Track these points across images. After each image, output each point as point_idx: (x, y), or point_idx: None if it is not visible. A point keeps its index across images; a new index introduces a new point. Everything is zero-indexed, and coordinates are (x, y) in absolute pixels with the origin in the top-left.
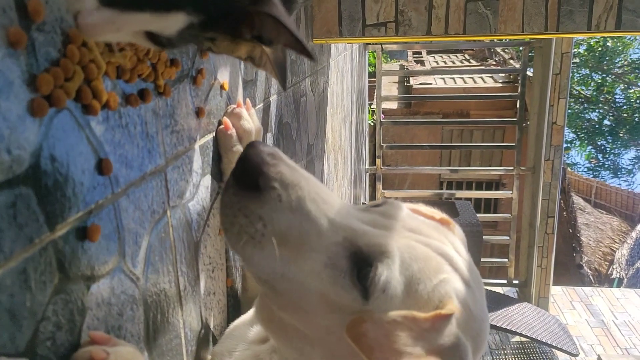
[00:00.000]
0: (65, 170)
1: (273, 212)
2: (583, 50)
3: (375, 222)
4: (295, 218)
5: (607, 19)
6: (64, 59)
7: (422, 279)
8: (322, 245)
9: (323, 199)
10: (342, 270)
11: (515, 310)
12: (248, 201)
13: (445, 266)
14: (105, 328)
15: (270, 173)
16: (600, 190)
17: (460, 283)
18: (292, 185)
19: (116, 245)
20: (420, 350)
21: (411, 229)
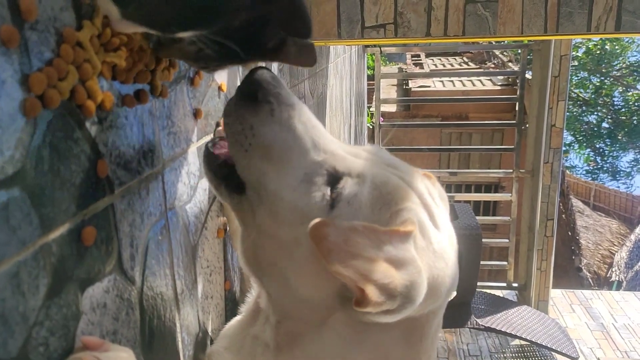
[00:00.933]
0: (59, 172)
1: (263, 123)
2: (582, 53)
3: (357, 154)
4: (282, 133)
5: (607, 20)
6: (57, 59)
7: (387, 201)
8: (301, 162)
9: (312, 124)
10: (316, 185)
11: (514, 314)
12: (245, 110)
13: (414, 198)
14: (100, 333)
15: (269, 89)
16: (599, 193)
17: (425, 216)
18: (287, 104)
19: (112, 248)
20: (376, 256)
21: (389, 164)
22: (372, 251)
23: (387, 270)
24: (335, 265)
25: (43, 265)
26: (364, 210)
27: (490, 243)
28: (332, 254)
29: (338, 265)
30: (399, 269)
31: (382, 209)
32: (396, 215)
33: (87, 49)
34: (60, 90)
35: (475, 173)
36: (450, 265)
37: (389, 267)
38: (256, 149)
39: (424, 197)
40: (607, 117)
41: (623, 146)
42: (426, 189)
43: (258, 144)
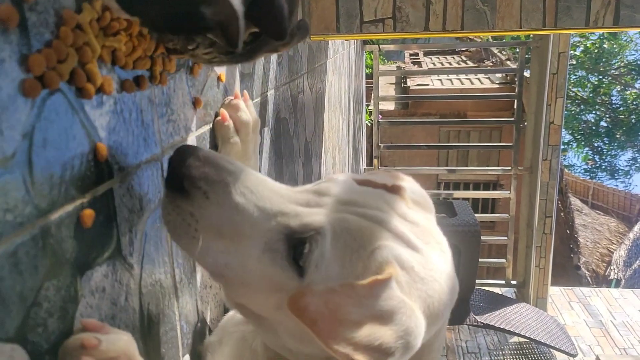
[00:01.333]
0: (58, 153)
1: (202, 208)
2: (580, 52)
3: (309, 202)
4: (225, 212)
5: (605, 14)
6: (56, 41)
7: (355, 248)
8: (256, 233)
9: (251, 190)
10: (279, 252)
11: (513, 311)
12: (179, 201)
13: (382, 233)
14: (98, 316)
15: (194, 174)
16: (597, 192)
17: (401, 248)
18: (218, 182)
19: (111, 232)
20: (361, 316)
21: (346, 202)
22: (355, 311)
23: (374, 332)
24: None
25: (42, 246)
26: (335, 269)
27: (488, 240)
28: (317, 324)
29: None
30: (388, 322)
31: (352, 260)
32: (369, 261)
33: (87, 32)
34: (59, 72)
35: (474, 170)
36: (445, 280)
37: (376, 326)
38: (206, 232)
39: (393, 226)
40: (605, 116)
41: (621, 145)
42: (395, 211)
43: (205, 227)
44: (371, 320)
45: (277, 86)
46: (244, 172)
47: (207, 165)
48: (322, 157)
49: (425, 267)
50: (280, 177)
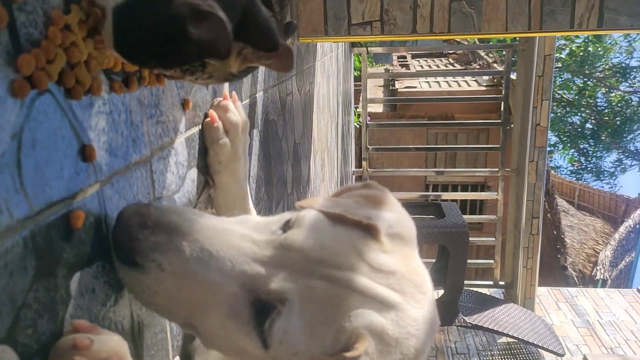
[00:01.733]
0: (47, 154)
1: (159, 282)
2: (565, 55)
3: (275, 259)
4: (184, 282)
5: (589, 17)
6: (45, 41)
7: (323, 320)
8: (219, 300)
9: (210, 253)
10: (244, 318)
11: (501, 311)
12: (133, 274)
13: (356, 299)
14: (88, 318)
15: (144, 248)
16: (583, 193)
17: (372, 313)
18: (173, 250)
19: (100, 233)
20: None
21: (315, 260)
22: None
23: None
24: None
25: (31, 247)
26: (301, 342)
27: (476, 242)
28: None
29: None
30: None
31: (321, 333)
32: (339, 334)
33: (76, 33)
34: (48, 73)
35: (462, 172)
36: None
37: None
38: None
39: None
40: (590, 118)
41: (606, 147)
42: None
43: (165, 300)
44: None
45: (266, 88)
46: (200, 228)
47: (157, 232)
48: (311, 159)
49: (400, 325)
50: (269, 179)
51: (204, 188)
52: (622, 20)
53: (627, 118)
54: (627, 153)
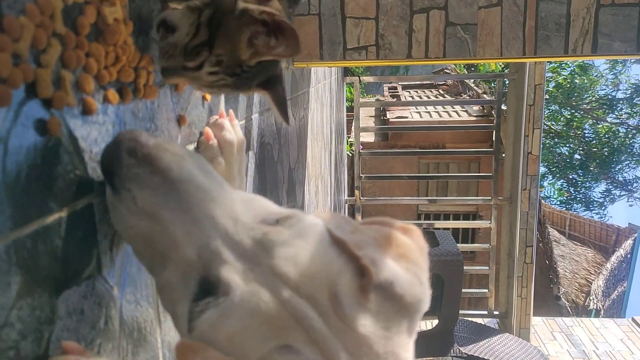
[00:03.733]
0: (36, 164)
1: (130, 214)
2: (552, 87)
3: (243, 250)
4: (153, 224)
5: (584, 43)
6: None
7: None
8: (177, 260)
9: (184, 209)
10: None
11: (497, 342)
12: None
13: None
14: (76, 341)
15: (124, 175)
16: (574, 223)
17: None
18: (150, 188)
19: (90, 250)
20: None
21: (282, 274)
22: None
23: None
24: None
25: (15, 261)
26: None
27: (470, 271)
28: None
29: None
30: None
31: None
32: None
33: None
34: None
35: (454, 201)
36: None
37: None
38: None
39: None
40: (578, 149)
41: (595, 177)
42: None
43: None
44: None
45: (262, 111)
46: (188, 181)
47: (142, 165)
48: (306, 185)
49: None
50: None
51: None
52: (616, 45)
53: (614, 149)
54: (615, 183)
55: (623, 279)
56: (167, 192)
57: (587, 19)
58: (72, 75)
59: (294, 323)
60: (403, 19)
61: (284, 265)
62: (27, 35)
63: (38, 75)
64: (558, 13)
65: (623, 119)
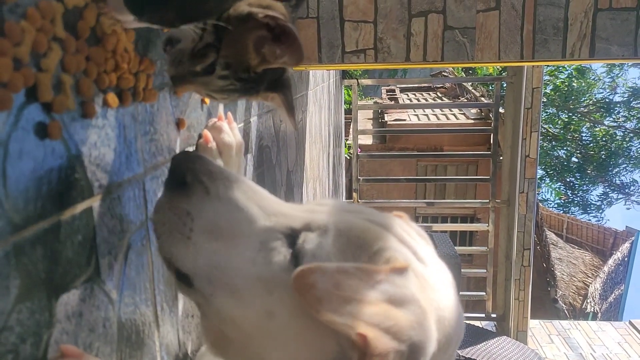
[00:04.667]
0: (35, 166)
1: (200, 204)
2: (550, 90)
3: (312, 209)
4: (224, 207)
5: (581, 47)
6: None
7: (359, 245)
8: (253, 231)
9: (253, 190)
10: (275, 250)
11: (494, 344)
12: (176, 198)
13: (389, 236)
14: (74, 344)
15: (197, 168)
16: (571, 226)
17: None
18: (221, 177)
19: (89, 254)
20: (373, 298)
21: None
22: (367, 293)
23: (388, 311)
24: (327, 314)
25: (15, 265)
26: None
27: (468, 273)
28: (322, 302)
29: (330, 313)
30: (401, 308)
31: (356, 255)
32: (375, 257)
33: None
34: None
35: (452, 204)
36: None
37: (390, 307)
38: (200, 232)
39: (401, 234)
40: (576, 152)
41: (592, 180)
42: (400, 227)
43: (201, 226)
44: (385, 303)
45: (260, 114)
46: (246, 179)
47: (211, 165)
48: (304, 188)
49: (434, 279)
50: None
51: None
52: (613, 49)
53: (612, 152)
54: (612, 187)
55: (620, 282)
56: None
57: (584, 23)
58: (72, 79)
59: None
60: (401, 22)
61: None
62: (28, 40)
63: (38, 79)
64: (556, 17)
65: (620, 122)
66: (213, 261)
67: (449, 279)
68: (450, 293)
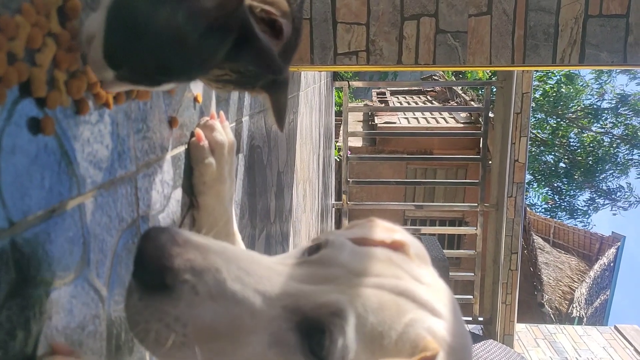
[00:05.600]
0: (28, 163)
1: (191, 308)
2: (539, 95)
3: (315, 276)
4: (220, 306)
5: (571, 53)
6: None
7: (384, 331)
8: (259, 325)
9: (247, 272)
10: (290, 346)
11: (481, 348)
12: (159, 303)
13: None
14: (64, 341)
15: (177, 265)
16: (558, 230)
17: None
18: (207, 270)
19: (80, 250)
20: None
21: (359, 272)
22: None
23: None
24: None
25: (6, 260)
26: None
27: (455, 277)
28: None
29: None
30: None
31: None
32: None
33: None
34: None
35: (441, 207)
36: (464, 334)
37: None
38: (196, 337)
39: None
40: (564, 157)
41: (579, 185)
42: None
43: (196, 331)
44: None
45: (252, 114)
46: (231, 249)
47: (190, 250)
48: (294, 189)
49: (454, 335)
50: (253, 206)
51: (188, 209)
52: (603, 56)
53: (599, 158)
54: (599, 192)
55: (606, 287)
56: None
57: (575, 29)
58: (66, 74)
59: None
60: (394, 25)
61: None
62: (23, 35)
63: (33, 74)
64: (547, 23)
65: (608, 129)
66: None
67: (454, 309)
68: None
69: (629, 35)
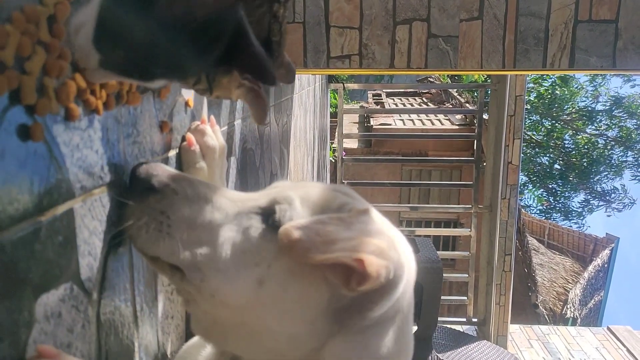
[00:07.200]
0: (17, 167)
1: (172, 203)
2: (534, 98)
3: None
4: (195, 204)
5: (561, 57)
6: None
7: (323, 205)
8: (227, 218)
9: (215, 186)
10: (253, 227)
11: (474, 349)
12: (148, 201)
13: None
14: (53, 344)
15: (160, 173)
16: (552, 232)
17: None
18: (184, 179)
19: (69, 254)
20: (353, 234)
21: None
22: (345, 232)
23: (367, 241)
24: (319, 257)
25: None
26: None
27: (449, 278)
28: (311, 250)
29: (321, 255)
30: (376, 238)
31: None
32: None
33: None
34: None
35: (436, 209)
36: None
37: (367, 238)
38: (177, 227)
39: (347, 191)
40: (558, 159)
41: (574, 187)
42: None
43: (177, 221)
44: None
45: (244, 117)
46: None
47: (170, 169)
48: None
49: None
50: None
51: None
52: (592, 60)
53: (593, 160)
54: (594, 194)
55: (600, 288)
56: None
57: (565, 34)
58: (56, 81)
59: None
60: (386, 29)
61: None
62: (13, 43)
63: (22, 82)
64: (537, 28)
65: (602, 131)
66: (197, 249)
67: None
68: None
69: (618, 40)
